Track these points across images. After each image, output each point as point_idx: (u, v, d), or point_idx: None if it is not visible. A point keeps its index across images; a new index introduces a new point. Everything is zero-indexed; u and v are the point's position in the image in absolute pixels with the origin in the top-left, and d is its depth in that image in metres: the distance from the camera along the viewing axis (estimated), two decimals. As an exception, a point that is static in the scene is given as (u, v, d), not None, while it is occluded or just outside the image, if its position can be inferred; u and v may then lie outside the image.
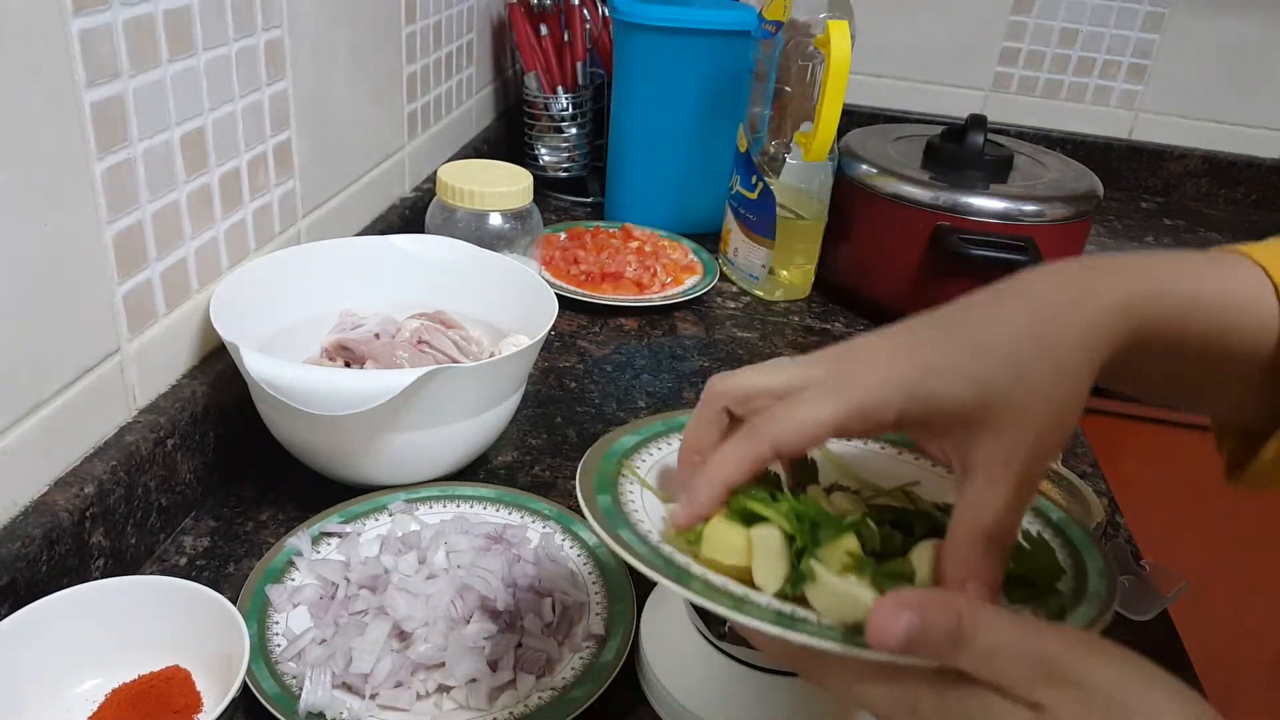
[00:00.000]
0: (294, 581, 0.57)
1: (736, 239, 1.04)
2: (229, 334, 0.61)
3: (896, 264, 0.98)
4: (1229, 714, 0.33)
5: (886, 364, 0.39)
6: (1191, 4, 1.43)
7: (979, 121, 1.00)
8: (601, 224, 1.13)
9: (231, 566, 0.61)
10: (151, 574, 0.58)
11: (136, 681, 0.50)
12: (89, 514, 0.55)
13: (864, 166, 1.00)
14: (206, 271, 0.67)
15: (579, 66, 1.22)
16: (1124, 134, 1.53)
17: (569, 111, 1.22)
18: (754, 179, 0.99)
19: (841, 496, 0.46)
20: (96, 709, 0.49)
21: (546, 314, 0.70)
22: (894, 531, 0.42)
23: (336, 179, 0.85)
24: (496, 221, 0.85)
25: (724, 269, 1.08)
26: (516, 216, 0.86)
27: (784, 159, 0.99)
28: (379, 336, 0.73)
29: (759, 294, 1.05)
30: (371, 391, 0.58)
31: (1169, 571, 0.65)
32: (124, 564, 0.58)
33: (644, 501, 0.45)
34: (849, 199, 1.01)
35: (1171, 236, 1.41)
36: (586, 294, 0.97)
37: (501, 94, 1.32)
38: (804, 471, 0.47)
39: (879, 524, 0.41)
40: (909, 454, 0.51)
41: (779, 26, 0.94)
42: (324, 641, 0.53)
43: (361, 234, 0.91)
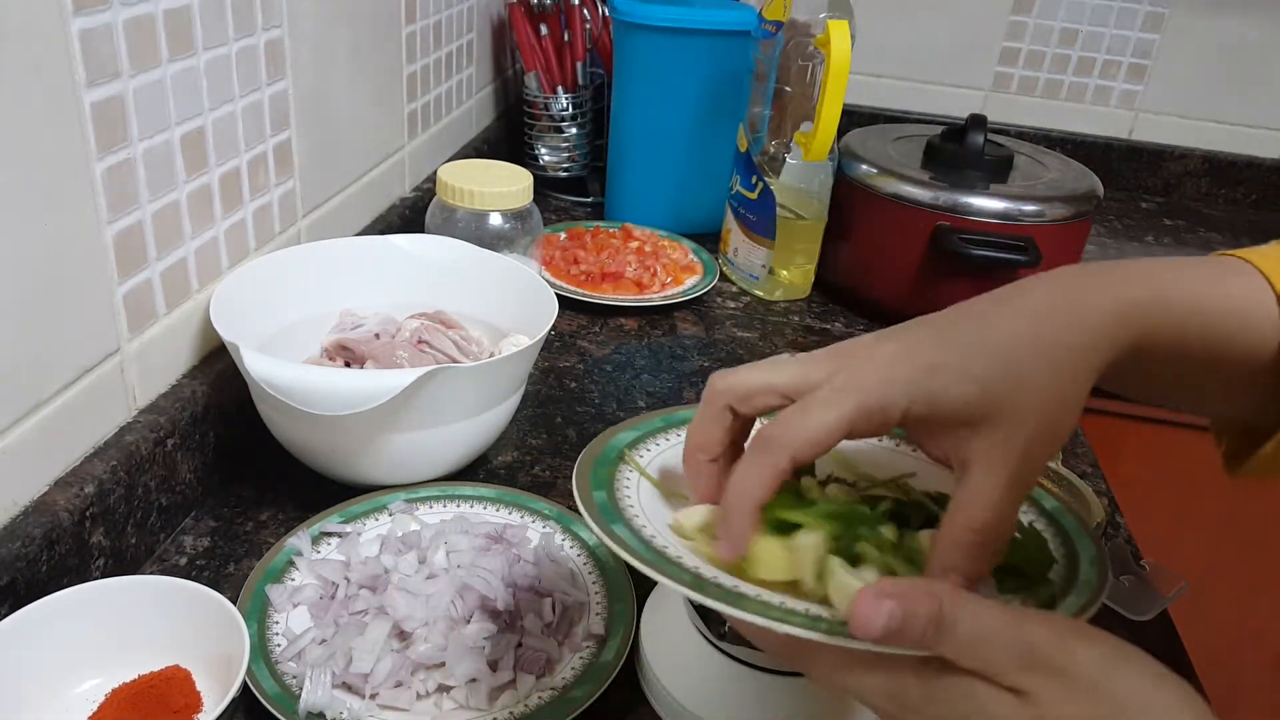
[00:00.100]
0: (294, 581, 0.57)
1: (736, 239, 1.04)
2: (229, 334, 0.61)
3: (896, 264, 0.98)
4: (1230, 714, 0.33)
5: (889, 364, 0.39)
6: (1191, 4, 1.43)
7: (979, 121, 1.00)
8: (601, 224, 1.13)
9: (231, 566, 0.61)
10: (151, 574, 0.58)
11: (136, 681, 0.50)
12: (89, 514, 0.54)
13: (864, 166, 1.00)
14: (206, 271, 0.67)
15: (579, 66, 1.22)
16: (1124, 134, 1.53)
17: (569, 111, 1.22)
18: (754, 179, 0.99)
19: (837, 489, 0.46)
20: (96, 709, 0.49)
21: (546, 314, 0.70)
22: (889, 523, 0.42)
23: (336, 179, 0.85)
24: (496, 221, 0.85)
25: (724, 269, 1.08)
26: (516, 216, 0.86)
27: (784, 159, 0.99)
28: (379, 336, 0.73)
29: (759, 294, 1.05)
30: (371, 391, 0.58)
31: (1169, 571, 0.65)
32: (124, 564, 0.58)
33: (641, 498, 0.45)
34: (849, 199, 1.01)
35: (1171, 236, 1.41)
36: (586, 294, 0.97)
37: (501, 94, 1.32)
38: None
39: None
40: (905, 446, 0.51)
41: (779, 26, 0.94)
42: (324, 641, 0.53)
43: (361, 234, 0.90)
